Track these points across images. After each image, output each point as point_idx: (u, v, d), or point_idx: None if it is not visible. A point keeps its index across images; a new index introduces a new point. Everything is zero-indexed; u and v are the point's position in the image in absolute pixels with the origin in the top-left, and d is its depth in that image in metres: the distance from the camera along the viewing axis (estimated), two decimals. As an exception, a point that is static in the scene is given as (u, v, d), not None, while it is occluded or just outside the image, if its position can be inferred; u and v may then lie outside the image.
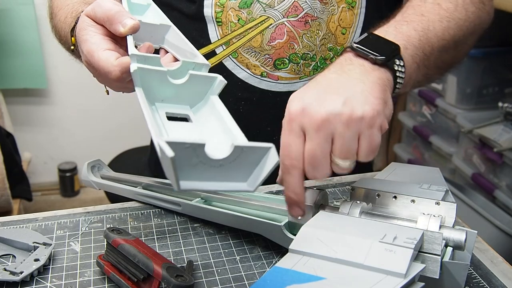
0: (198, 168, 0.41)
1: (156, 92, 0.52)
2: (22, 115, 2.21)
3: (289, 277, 0.44)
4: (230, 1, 0.73)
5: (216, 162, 0.41)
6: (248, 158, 0.41)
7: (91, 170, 0.72)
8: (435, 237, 0.47)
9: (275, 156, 0.41)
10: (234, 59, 0.76)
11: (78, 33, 0.59)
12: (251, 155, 0.41)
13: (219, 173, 0.42)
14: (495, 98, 1.66)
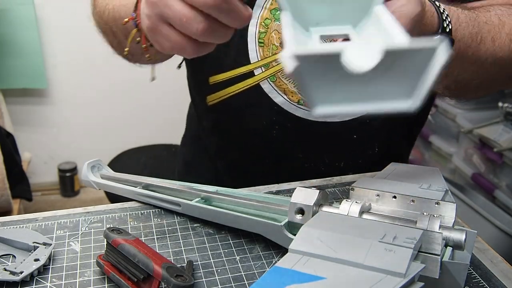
0: (341, 85, 0.32)
1: (307, 14, 0.43)
2: (22, 115, 2.21)
3: (289, 277, 0.44)
4: (274, 23, 0.71)
5: (363, 75, 0.31)
6: (406, 65, 0.31)
7: (91, 170, 0.72)
8: (435, 237, 0.47)
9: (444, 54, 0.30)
10: (272, 83, 0.74)
11: None
12: (411, 59, 0.31)
13: (369, 89, 0.32)
14: (495, 98, 1.66)
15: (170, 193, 0.67)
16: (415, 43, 0.30)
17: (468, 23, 0.60)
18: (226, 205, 0.63)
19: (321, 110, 0.33)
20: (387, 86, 0.32)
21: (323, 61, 0.31)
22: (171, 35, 0.45)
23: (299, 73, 0.30)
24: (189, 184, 0.67)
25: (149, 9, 0.45)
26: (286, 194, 0.69)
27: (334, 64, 0.30)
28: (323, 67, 0.31)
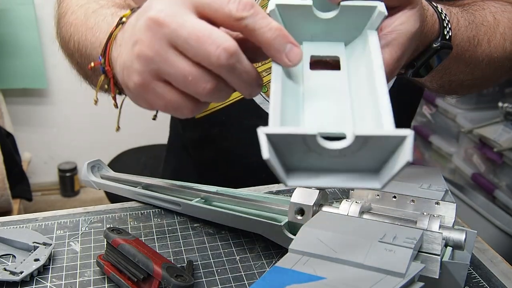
0: (312, 159, 0.33)
1: (302, 30, 0.43)
2: (22, 115, 2.21)
3: (289, 277, 0.44)
4: None
5: (335, 151, 0.32)
6: (375, 149, 0.32)
7: (91, 170, 0.72)
8: (434, 237, 0.47)
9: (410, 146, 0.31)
10: (263, 93, 0.72)
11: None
12: (381, 145, 0.32)
13: (339, 165, 0.33)
14: (495, 98, 1.66)
15: (170, 193, 0.67)
16: (381, 132, 0.31)
17: (466, 27, 0.60)
18: (226, 205, 0.63)
19: (292, 183, 0.34)
20: (358, 162, 0.33)
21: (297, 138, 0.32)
22: (168, 94, 0.39)
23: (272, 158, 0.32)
24: (189, 184, 0.67)
25: (141, 64, 0.38)
26: (286, 194, 0.69)
27: (307, 141, 0.32)
28: (296, 142, 0.32)
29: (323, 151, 0.32)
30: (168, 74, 0.38)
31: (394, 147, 0.31)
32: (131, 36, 0.39)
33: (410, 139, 0.31)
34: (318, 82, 0.40)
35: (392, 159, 0.32)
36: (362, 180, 0.34)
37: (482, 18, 0.64)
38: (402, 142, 0.31)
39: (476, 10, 0.65)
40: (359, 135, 0.31)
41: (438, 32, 0.54)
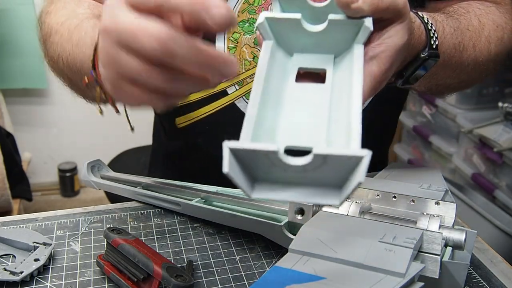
0: (276, 171, 0.34)
1: (292, 42, 0.44)
2: (22, 115, 2.21)
3: (289, 277, 0.44)
4: (244, 36, 0.67)
5: (297, 167, 0.34)
6: (335, 167, 0.34)
7: (91, 170, 0.72)
8: (434, 237, 0.47)
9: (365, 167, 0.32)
10: (248, 101, 0.70)
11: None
12: (339, 164, 0.33)
13: (301, 180, 0.35)
14: (495, 98, 1.66)
15: (170, 193, 0.67)
16: (338, 151, 0.33)
17: (452, 34, 0.61)
18: (226, 205, 0.63)
19: (256, 195, 0.35)
20: (321, 177, 0.34)
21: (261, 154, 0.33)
22: (135, 92, 0.40)
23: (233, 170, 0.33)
24: (189, 184, 0.67)
25: (106, 71, 0.40)
26: (286, 194, 0.69)
27: (270, 157, 0.33)
28: (260, 157, 0.33)
29: (286, 166, 0.33)
30: (126, 74, 0.38)
31: (352, 166, 0.33)
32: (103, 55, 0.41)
33: (366, 159, 0.32)
34: (300, 95, 0.41)
35: (351, 177, 0.33)
36: (323, 195, 0.35)
37: (467, 23, 0.65)
38: (359, 162, 0.32)
39: (461, 15, 0.65)
40: (318, 154, 0.33)
41: (425, 42, 0.55)
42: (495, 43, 0.67)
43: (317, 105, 0.40)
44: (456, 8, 0.67)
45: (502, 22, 0.69)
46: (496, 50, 0.67)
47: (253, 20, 0.67)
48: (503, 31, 0.68)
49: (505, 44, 0.69)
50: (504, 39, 0.68)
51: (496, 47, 0.67)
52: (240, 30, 0.67)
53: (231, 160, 0.33)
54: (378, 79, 0.44)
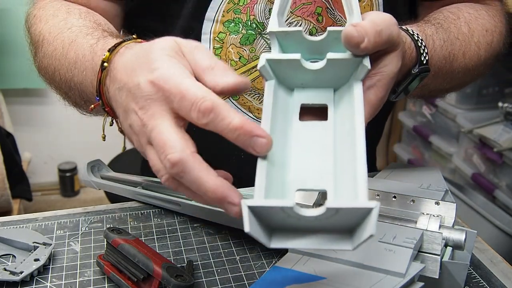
0: (291, 221, 0.37)
1: (292, 79, 0.46)
2: (22, 115, 2.21)
3: (289, 277, 0.44)
4: (230, 36, 0.67)
5: (310, 218, 0.36)
6: (346, 216, 0.36)
7: (91, 170, 0.72)
8: (434, 237, 0.47)
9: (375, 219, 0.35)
10: (234, 101, 0.70)
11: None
12: (350, 214, 0.36)
13: (314, 227, 0.38)
14: (495, 98, 1.66)
15: (170, 193, 0.67)
16: (349, 204, 0.35)
17: (441, 46, 0.62)
18: (226, 205, 0.63)
19: (274, 245, 0.38)
20: (334, 224, 0.37)
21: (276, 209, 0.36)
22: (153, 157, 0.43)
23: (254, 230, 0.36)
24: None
25: (135, 143, 0.46)
26: (286, 194, 0.69)
27: (286, 211, 0.36)
28: (276, 211, 0.36)
29: (300, 217, 0.36)
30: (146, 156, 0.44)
31: (363, 216, 0.36)
32: (126, 116, 0.45)
33: (376, 211, 0.35)
34: (305, 135, 0.43)
35: (363, 224, 0.36)
36: (337, 242, 0.37)
37: (457, 31, 0.66)
38: (369, 213, 0.35)
39: (451, 22, 0.67)
40: (330, 207, 0.35)
41: (416, 59, 0.56)
42: (485, 48, 0.69)
43: (322, 145, 0.43)
44: (446, 15, 0.68)
45: (492, 26, 0.70)
46: (485, 54, 0.69)
47: (238, 20, 0.67)
48: (492, 35, 0.70)
49: (494, 48, 0.71)
50: (493, 43, 0.70)
51: (485, 52, 0.69)
52: (226, 30, 0.67)
53: (251, 219, 0.36)
54: (376, 106, 0.47)
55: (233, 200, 0.39)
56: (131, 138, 0.46)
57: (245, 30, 0.67)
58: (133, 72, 0.44)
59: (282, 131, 0.43)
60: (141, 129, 0.43)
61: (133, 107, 0.43)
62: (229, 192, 0.39)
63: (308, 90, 0.46)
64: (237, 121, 0.38)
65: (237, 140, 0.39)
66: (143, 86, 0.42)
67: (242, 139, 0.39)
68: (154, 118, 0.41)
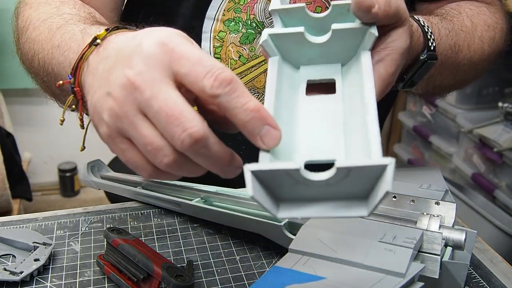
0: (299, 188, 0.34)
1: (297, 55, 0.43)
2: (22, 115, 2.21)
3: (289, 277, 0.44)
4: (230, 35, 0.67)
5: (320, 182, 0.33)
6: (359, 178, 0.33)
7: (91, 170, 0.72)
8: (434, 237, 0.47)
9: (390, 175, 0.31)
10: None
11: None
12: (363, 174, 0.32)
13: (325, 194, 0.34)
14: (495, 98, 1.66)
15: (170, 193, 0.67)
16: (361, 162, 0.32)
17: (447, 36, 0.62)
18: (226, 205, 0.63)
19: (282, 215, 0.35)
20: (346, 189, 0.34)
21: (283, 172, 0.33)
22: (129, 152, 0.38)
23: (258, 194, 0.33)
24: (189, 184, 0.67)
25: (109, 119, 0.37)
26: (286, 194, 0.69)
27: (293, 175, 0.33)
28: (283, 175, 0.33)
29: (309, 182, 0.33)
30: (132, 136, 0.37)
31: (377, 176, 0.32)
32: (106, 82, 0.37)
33: (391, 167, 0.31)
34: (313, 108, 0.40)
35: (377, 186, 0.32)
36: (349, 208, 0.34)
37: (461, 24, 0.66)
38: (383, 171, 0.31)
39: (453, 16, 0.67)
40: (341, 167, 0.32)
41: (423, 44, 0.56)
42: (488, 43, 0.69)
43: (331, 116, 0.40)
44: (448, 10, 0.68)
45: (493, 22, 0.70)
46: (489, 49, 0.69)
47: (238, 19, 0.67)
48: (494, 31, 0.70)
49: (497, 44, 0.71)
50: (495, 38, 0.70)
51: (489, 47, 0.69)
52: (226, 29, 0.67)
53: (254, 183, 0.33)
54: (386, 81, 0.45)
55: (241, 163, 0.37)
56: (102, 110, 0.37)
57: (245, 29, 0.67)
58: (134, 38, 0.38)
59: (287, 106, 0.40)
60: (128, 93, 0.35)
61: (121, 69, 0.36)
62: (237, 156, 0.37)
63: (314, 66, 0.44)
64: (254, 103, 0.35)
65: (247, 124, 0.35)
66: (146, 45, 0.36)
67: (253, 124, 0.35)
68: (154, 84, 0.35)
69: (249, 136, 0.35)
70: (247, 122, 0.35)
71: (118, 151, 0.39)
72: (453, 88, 0.73)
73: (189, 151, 0.35)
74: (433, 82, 0.65)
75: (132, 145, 0.37)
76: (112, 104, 0.36)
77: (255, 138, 0.35)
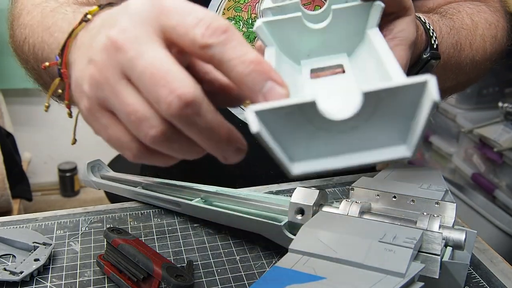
0: (318, 137, 0.27)
1: (297, 46, 0.39)
2: (22, 115, 2.21)
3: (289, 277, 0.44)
4: None
5: (344, 124, 0.26)
6: (393, 107, 0.26)
7: (91, 170, 0.72)
8: (434, 237, 0.47)
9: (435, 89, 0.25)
10: None
11: None
12: (396, 101, 0.26)
13: (353, 139, 0.28)
14: (495, 98, 1.66)
15: (170, 193, 0.67)
16: (392, 84, 0.26)
17: (449, 34, 0.60)
18: (226, 205, 0.63)
19: (298, 169, 0.29)
20: (375, 133, 0.27)
21: (294, 113, 0.27)
22: (111, 127, 0.33)
23: (264, 131, 0.27)
24: (189, 184, 0.67)
25: (90, 88, 0.32)
26: (286, 194, 0.69)
27: (308, 115, 0.27)
28: (295, 120, 0.27)
29: (330, 125, 0.26)
30: (114, 107, 0.32)
31: (414, 101, 0.26)
32: (88, 50, 0.33)
33: (433, 83, 0.25)
34: (320, 87, 0.35)
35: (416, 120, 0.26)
36: (384, 152, 0.28)
37: (461, 22, 0.64)
38: (422, 90, 0.25)
39: (453, 14, 0.65)
40: (368, 92, 0.25)
41: (426, 42, 0.54)
42: (490, 42, 0.67)
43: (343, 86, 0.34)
44: (446, 9, 0.67)
45: (494, 20, 0.69)
46: (491, 48, 0.67)
47: (239, 17, 0.67)
48: (496, 29, 0.68)
49: (499, 42, 0.69)
50: (497, 37, 0.69)
51: (491, 46, 0.67)
52: None
53: (259, 121, 0.27)
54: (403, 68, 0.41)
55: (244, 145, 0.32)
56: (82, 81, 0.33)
57: (246, 28, 0.67)
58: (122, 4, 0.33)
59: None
60: (110, 56, 0.31)
61: (104, 31, 0.31)
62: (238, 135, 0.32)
63: (316, 58, 0.39)
64: (255, 54, 0.29)
65: (246, 79, 0.29)
66: (133, 3, 0.31)
67: (253, 78, 0.29)
68: (139, 42, 0.30)
69: (249, 94, 0.30)
70: (246, 75, 0.29)
71: (100, 129, 0.34)
72: (454, 91, 0.71)
73: (179, 118, 0.29)
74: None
75: (115, 119, 0.32)
76: (92, 71, 0.32)
77: (256, 96, 0.29)
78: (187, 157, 0.33)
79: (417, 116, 0.26)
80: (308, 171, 0.29)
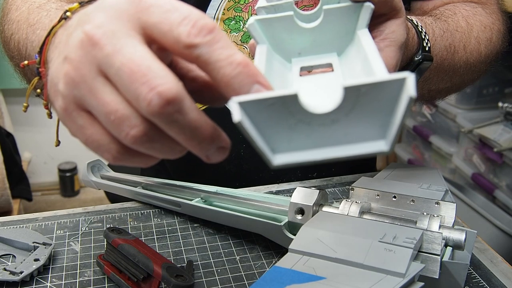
0: (300, 130, 0.28)
1: (288, 45, 0.39)
2: (22, 115, 2.21)
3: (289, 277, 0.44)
4: (231, 34, 0.67)
5: (324, 117, 0.27)
6: (372, 103, 0.27)
7: (91, 170, 0.72)
8: (434, 237, 0.47)
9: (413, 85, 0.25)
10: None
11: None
12: (376, 96, 0.27)
13: (333, 132, 0.28)
14: (495, 98, 1.66)
15: (170, 193, 0.67)
16: (371, 79, 0.26)
17: (442, 36, 0.60)
18: (226, 205, 0.63)
19: (280, 160, 0.29)
20: (354, 127, 0.28)
21: (277, 106, 0.27)
22: (89, 128, 0.31)
23: (246, 121, 0.27)
24: (189, 184, 0.67)
25: (65, 87, 0.30)
26: (286, 194, 0.69)
27: (291, 108, 0.27)
28: (278, 112, 0.28)
29: (311, 118, 0.27)
30: (91, 106, 0.30)
31: (393, 97, 0.27)
32: (64, 47, 0.32)
33: (411, 79, 0.26)
34: (308, 85, 0.36)
35: (394, 115, 0.27)
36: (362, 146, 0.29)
37: (456, 24, 0.64)
38: (401, 86, 0.26)
39: (448, 17, 0.65)
40: (349, 86, 0.26)
41: (417, 44, 0.54)
42: (485, 44, 0.67)
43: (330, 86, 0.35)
44: (442, 11, 0.67)
45: (489, 23, 0.69)
46: (486, 51, 0.67)
47: (239, 18, 0.67)
48: (491, 31, 0.68)
49: (494, 45, 0.69)
50: (492, 39, 0.68)
51: (486, 48, 0.67)
52: (227, 27, 0.67)
53: (242, 112, 0.27)
54: (392, 70, 0.42)
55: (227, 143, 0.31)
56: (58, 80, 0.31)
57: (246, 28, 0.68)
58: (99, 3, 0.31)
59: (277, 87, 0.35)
60: (86, 52, 0.29)
61: (80, 27, 0.30)
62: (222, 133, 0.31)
63: (307, 57, 0.40)
64: (242, 56, 0.28)
65: (232, 81, 0.28)
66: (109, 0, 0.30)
67: (241, 80, 0.28)
68: (116, 37, 0.28)
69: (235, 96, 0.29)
70: (233, 77, 0.28)
71: (77, 130, 0.32)
72: (449, 93, 0.71)
73: (160, 117, 0.28)
74: (428, 86, 0.63)
75: (93, 119, 0.31)
76: (68, 69, 0.30)
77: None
78: (168, 157, 0.32)
79: (395, 112, 0.27)
80: (289, 162, 0.29)
